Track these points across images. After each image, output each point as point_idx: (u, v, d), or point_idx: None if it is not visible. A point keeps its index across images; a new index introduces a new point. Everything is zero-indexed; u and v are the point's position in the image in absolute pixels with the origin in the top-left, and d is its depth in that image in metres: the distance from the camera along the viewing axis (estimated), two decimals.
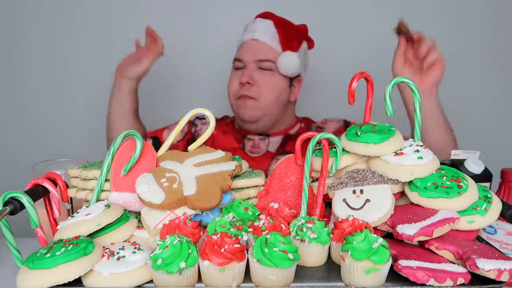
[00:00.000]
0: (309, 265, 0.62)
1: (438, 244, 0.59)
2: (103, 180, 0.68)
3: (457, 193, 0.62)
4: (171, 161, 0.72)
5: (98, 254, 0.56)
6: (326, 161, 0.69)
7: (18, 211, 0.60)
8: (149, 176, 0.67)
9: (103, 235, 0.62)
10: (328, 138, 0.68)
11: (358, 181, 0.68)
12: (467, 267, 0.55)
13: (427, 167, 0.65)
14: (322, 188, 0.69)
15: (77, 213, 0.62)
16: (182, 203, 0.65)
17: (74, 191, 0.70)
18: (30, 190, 0.65)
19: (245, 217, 0.67)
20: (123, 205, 0.66)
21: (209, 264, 0.54)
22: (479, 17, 1.63)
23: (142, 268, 0.56)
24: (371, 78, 0.73)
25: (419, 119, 0.74)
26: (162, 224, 0.63)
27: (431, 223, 0.58)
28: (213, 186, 0.67)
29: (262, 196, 0.74)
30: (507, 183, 0.89)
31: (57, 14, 1.60)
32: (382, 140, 0.67)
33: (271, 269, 0.54)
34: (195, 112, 0.74)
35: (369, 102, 0.74)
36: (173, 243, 0.55)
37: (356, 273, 0.55)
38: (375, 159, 0.68)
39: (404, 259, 0.56)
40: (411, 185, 0.65)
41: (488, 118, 1.70)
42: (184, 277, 0.55)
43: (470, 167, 0.87)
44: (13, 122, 1.68)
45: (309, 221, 0.62)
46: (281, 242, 0.56)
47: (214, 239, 0.56)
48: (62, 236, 0.58)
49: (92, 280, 0.55)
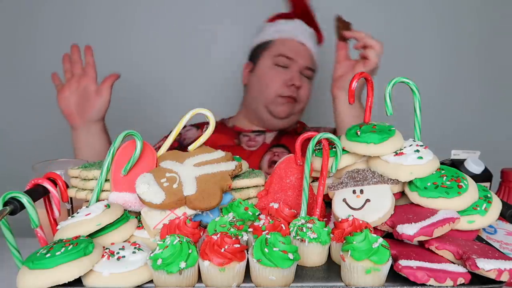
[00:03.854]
0: (309, 265, 0.62)
1: (438, 244, 0.59)
2: (103, 180, 0.68)
3: (457, 193, 0.62)
4: (171, 161, 0.72)
5: (98, 254, 0.56)
6: (326, 161, 0.69)
7: (18, 211, 0.60)
8: (149, 176, 0.67)
9: (103, 235, 0.62)
10: (328, 138, 0.68)
11: (358, 181, 0.68)
12: (467, 267, 0.55)
13: (427, 167, 0.65)
14: (322, 188, 0.69)
15: (77, 213, 0.62)
16: (182, 203, 0.65)
17: (74, 191, 0.70)
18: (30, 190, 0.65)
19: (245, 217, 0.67)
20: (123, 205, 0.66)
21: (209, 264, 0.54)
22: (477, 16, 1.63)
23: (142, 268, 0.56)
24: (371, 78, 0.73)
25: (419, 119, 0.74)
26: (162, 224, 0.63)
27: (431, 223, 0.58)
28: (213, 186, 0.67)
29: (262, 196, 0.74)
30: (507, 183, 0.89)
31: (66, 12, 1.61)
32: (382, 140, 0.67)
33: (271, 269, 0.54)
34: (195, 112, 0.74)
35: (369, 102, 0.74)
36: (173, 243, 0.55)
37: (356, 273, 0.55)
38: (375, 159, 0.68)
39: (404, 259, 0.56)
40: (411, 185, 0.65)
41: (488, 118, 1.70)
42: (184, 277, 0.54)
43: (470, 167, 0.87)
44: (13, 122, 1.68)
45: (309, 221, 0.62)
46: (281, 242, 0.56)
47: (214, 239, 0.56)
48: (62, 236, 0.58)
49: (92, 280, 0.55)
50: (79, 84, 1.09)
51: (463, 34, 1.64)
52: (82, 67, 1.10)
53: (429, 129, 0.96)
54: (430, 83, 1.61)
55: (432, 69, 1.66)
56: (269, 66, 1.27)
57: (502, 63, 1.67)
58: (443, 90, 1.68)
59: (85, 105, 1.08)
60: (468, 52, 1.65)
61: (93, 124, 1.10)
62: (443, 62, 1.66)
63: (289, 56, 1.24)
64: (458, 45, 1.65)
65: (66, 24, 1.62)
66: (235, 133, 1.33)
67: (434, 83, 1.65)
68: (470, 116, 1.69)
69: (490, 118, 1.70)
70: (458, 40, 1.64)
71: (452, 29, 1.64)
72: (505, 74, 1.68)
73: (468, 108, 1.69)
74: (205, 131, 0.76)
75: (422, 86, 0.78)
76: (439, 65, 1.66)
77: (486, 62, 1.66)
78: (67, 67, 1.11)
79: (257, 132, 1.32)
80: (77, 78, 1.09)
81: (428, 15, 1.63)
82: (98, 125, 1.11)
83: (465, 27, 1.63)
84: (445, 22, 1.63)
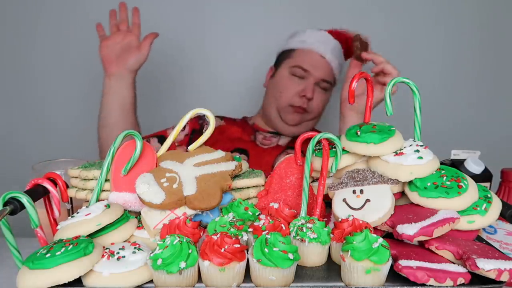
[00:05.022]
0: (309, 265, 0.62)
1: (438, 244, 0.59)
2: (103, 180, 0.68)
3: (457, 193, 0.62)
4: (171, 161, 0.72)
5: (98, 254, 0.56)
6: (326, 161, 0.69)
7: (18, 211, 0.60)
8: (149, 176, 0.67)
9: (103, 235, 0.62)
10: (328, 138, 0.68)
11: (358, 181, 0.68)
12: (467, 267, 0.55)
13: (427, 167, 0.65)
14: (322, 188, 0.69)
15: (77, 213, 0.62)
16: (182, 203, 0.65)
17: (74, 191, 0.70)
18: (30, 190, 0.65)
19: (245, 217, 0.67)
20: (123, 205, 0.66)
21: (209, 264, 0.54)
22: (478, 15, 1.63)
23: (142, 268, 0.56)
24: (371, 78, 0.73)
25: (419, 119, 0.74)
26: (162, 224, 0.63)
27: (431, 223, 0.58)
28: (213, 186, 0.67)
29: (262, 196, 0.74)
30: (507, 183, 0.89)
31: (54, 13, 1.60)
32: (382, 140, 0.67)
33: (271, 269, 0.54)
34: (195, 112, 0.74)
35: (369, 102, 0.74)
36: (173, 243, 0.55)
37: (356, 273, 0.55)
38: (375, 159, 0.68)
39: (404, 259, 0.56)
40: (411, 185, 0.65)
41: (488, 118, 1.70)
42: (184, 277, 0.54)
43: (470, 167, 0.87)
44: (13, 122, 1.68)
45: (309, 221, 0.62)
46: (281, 242, 0.56)
47: (214, 239, 0.56)
48: (62, 236, 0.58)
49: (92, 280, 0.55)
50: (124, 38, 1.19)
51: (463, 34, 1.64)
52: (128, 25, 1.21)
53: (429, 129, 0.96)
54: (430, 83, 1.61)
55: (432, 69, 1.65)
56: (286, 75, 1.30)
57: (502, 63, 1.67)
58: (443, 90, 1.67)
59: (125, 56, 1.18)
60: (468, 52, 1.65)
61: (127, 73, 1.19)
62: (443, 62, 1.66)
63: (305, 68, 1.26)
64: (458, 45, 1.65)
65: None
66: (253, 130, 1.38)
67: (434, 83, 1.65)
68: (470, 116, 1.69)
69: (490, 118, 1.70)
70: (458, 40, 1.64)
71: (452, 28, 1.63)
72: (505, 74, 1.67)
73: (468, 108, 1.68)
74: (205, 131, 0.76)
75: (422, 86, 0.78)
76: (439, 65, 1.66)
77: (486, 62, 1.66)
78: (113, 22, 1.21)
79: (273, 133, 1.37)
80: (123, 33, 1.20)
81: (428, 14, 1.62)
82: (131, 75, 1.20)
83: (465, 26, 1.63)
84: (445, 22, 1.63)
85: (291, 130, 1.33)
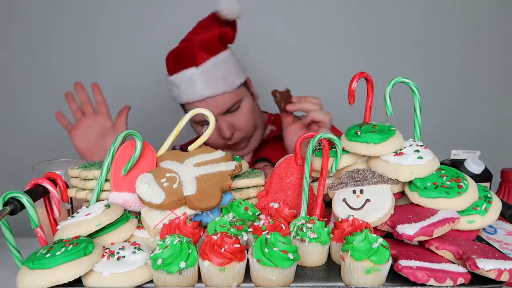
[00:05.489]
0: (309, 265, 0.62)
1: (438, 244, 0.59)
2: (103, 180, 0.68)
3: (457, 193, 0.62)
4: (171, 161, 0.72)
5: (98, 254, 0.56)
6: (326, 161, 0.69)
7: (18, 211, 0.60)
8: (149, 176, 0.67)
9: (103, 235, 0.62)
10: (328, 138, 0.68)
11: (358, 181, 0.68)
12: (467, 267, 0.55)
13: (427, 167, 0.65)
14: (322, 188, 0.69)
15: (77, 213, 0.62)
16: (182, 203, 0.65)
17: (74, 191, 0.70)
18: (30, 190, 0.65)
19: (245, 217, 0.67)
20: (123, 205, 0.66)
21: (209, 264, 0.54)
22: (480, 15, 1.63)
23: (142, 268, 0.56)
24: (371, 78, 0.73)
25: (419, 119, 0.74)
26: (162, 224, 0.63)
27: (431, 223, 0.58)
28: (213, 186, 0.67)
29: (262, 196, 0.74)
30: (507, 183, 0.89)
31: (56, 16, 1.60)
32: (382, 140, 0.67)
33: (271, 269, 0.54)
34: (194, 113, 0.74)
35: (369, 102, 0.74)
36: (173, 243, 0.55)
37: (356, 273, 0.55)
38: (375, 159, 0.68)
39: (404, 259, 0.56)
40: (411, 185, 0.65)
41: (488, 118, 1.70)
42: (184, 277, 0.55)
43: (470, 167, 0.87)
44: (13, 122, 1.68)
45: (309, 221, 0.62)
46: (281, 242, 0.56)
47: (214, 239, 0.56)
48: (62, 236, 0.58)
49: (92, 280, 0.55)
50: (94, 121, 1.07)
51: (463, 35, 1.64)
52: (93, 106, 1.08)
53: (429, 129, 0.96)
54: (430, 83, 1.61)
55: (432, 69, 1.66)
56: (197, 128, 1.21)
57: (502, 63, 1.67)
58: (443, 90, 1.68)
59: (102, 141, 1.07)
60: (469, 52, 1.65)
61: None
62: (443, 62, 1.66)
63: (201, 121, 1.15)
64: (458, 45, 1.65)
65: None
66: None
67: (434, 83, 1.65)
68: (470, 116, 1.69)
69: (490, 118, 1.70)
70: (458, 40, 1.64)
71: (452, 28, 1.63)
72: (505, 74, 1.68)
73: (468, 108, 1.69)
74: (204, 131, 0.76)
75: (422, 86, 0.78)
76: (439, 65, 1.66)
77: (486, 62, 1.66)
78: (74, 107, 1.08)
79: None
80: (91, 116, 1.07)
81: (428, 14, 1.62)
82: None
83: (465, 26, 1.63)
84: (445, 22, 1.63)
85: (244, 151, 1.26)
